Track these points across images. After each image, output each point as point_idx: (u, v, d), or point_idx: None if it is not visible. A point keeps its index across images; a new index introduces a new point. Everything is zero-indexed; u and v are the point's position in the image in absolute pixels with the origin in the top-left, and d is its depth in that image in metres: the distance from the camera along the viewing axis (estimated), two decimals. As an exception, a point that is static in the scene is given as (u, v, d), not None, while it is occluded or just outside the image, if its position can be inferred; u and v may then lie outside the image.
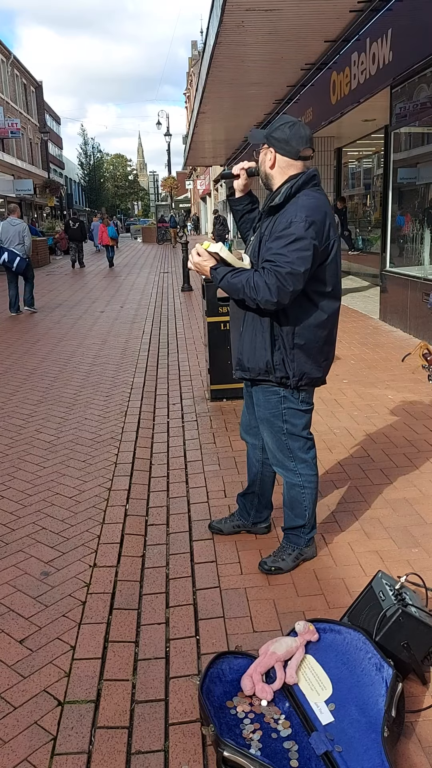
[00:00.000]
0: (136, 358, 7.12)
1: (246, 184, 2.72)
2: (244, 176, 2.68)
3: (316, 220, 2.31)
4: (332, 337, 2.56)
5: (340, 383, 5.61)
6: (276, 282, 2.29)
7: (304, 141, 2.40)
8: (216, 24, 7.91)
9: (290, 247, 2.29)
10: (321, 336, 2.48)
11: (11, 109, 34.73)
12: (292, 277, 2.29)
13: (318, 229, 2.31)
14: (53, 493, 3.62)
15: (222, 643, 2.30)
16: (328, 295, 2.46)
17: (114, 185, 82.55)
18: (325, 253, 2.38)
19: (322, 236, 2.34)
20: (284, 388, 2.54)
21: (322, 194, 2.43)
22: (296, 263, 2.29)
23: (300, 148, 2.40)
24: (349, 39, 8.71)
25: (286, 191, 2.39)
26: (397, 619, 2.05)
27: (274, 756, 1.79)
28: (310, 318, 2.44)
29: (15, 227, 10.32)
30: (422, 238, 7.76)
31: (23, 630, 2.42)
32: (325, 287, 2.43)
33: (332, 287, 2.46)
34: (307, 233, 2.29)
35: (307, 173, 2.42)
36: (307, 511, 2.71)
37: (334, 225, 2.42)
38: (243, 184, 2.72)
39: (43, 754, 1.86)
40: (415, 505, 3.31)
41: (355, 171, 14.71)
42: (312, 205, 2.34)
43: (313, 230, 2.30)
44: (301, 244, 2.29)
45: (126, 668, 2.21)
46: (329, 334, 2.52)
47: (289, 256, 2.29)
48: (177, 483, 3.73)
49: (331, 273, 2.43)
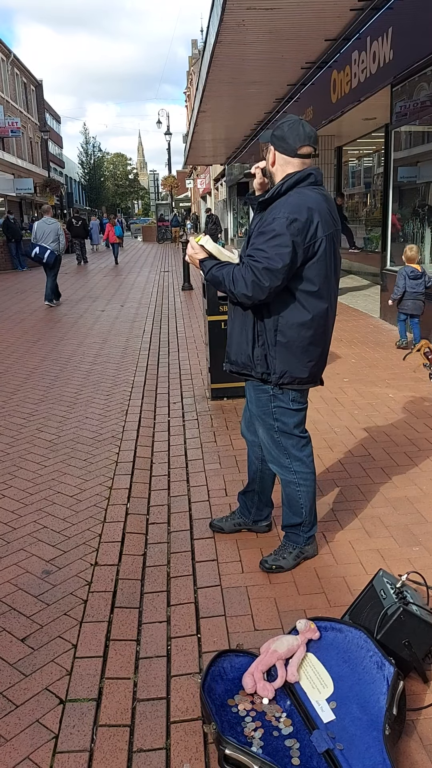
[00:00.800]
0: (137, 357, 7.13)
1: (262, 183, 2.72)
2: (260, 175, 2.68)
3: (298, 218, 2.30)
4: (319, 338, 2.50)
5: (341, 382, 5.61)
6: (252, 276, 2.32)
7: (301, 138, 2.40)
8: (216, 23, 7.90)
9: (270, 243, 2.31)
10: (305, 336, 2.46)
11: (11, 108, 34.72)
12: (268, 272, 2.30)
13: (300, 226, 2.31)
14: (54, 491, 3.62)
15: (223, 642, 2.31)
16: (314, 295, 2.43)
17: (114, 184, 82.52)
18: (310, 251, 2.36)
19: (306, 234, 2.33)
20: (268, 385, 2.55)
21: (317, 192, 2.40)
22: (274, 259, 2.30)
23: (297, 145, 2.40)
24: (349, 38, 8.70)
25: (276, 188, 2.41)
26: (399, 617, 2.05)
27: (275, 754, 1.79)
28: (294, 316, 2.43)
29: (50, 226, 11.00)
30: (422, 237, 7.75)
31: (25, 628, 2.42)
32: (310, 286, 2.41)
33: (318, 287, 2.42)
34: (288, 230, 2.29)
35: (303, 171, 2.41)
36: (304, 509, 2.71)
37: (326, 223, 2.37)
38: (260, 183, 2.72)
39: (45, 752, 1.86)
40: (416, 503, 3.31)
41: (356, 170, 14.69)
42: (299, 202, 2.34)
43: (295, 227, 2.30)
44: (280, 240, 2.30)
45: (127, 666, 2.21)
46: (315, 335, 2.48)
47: (268, 252, 2.31)
48: (178, 481, 3.74)
49: (317, 272, 2.40)
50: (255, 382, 2.60)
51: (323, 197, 2.41)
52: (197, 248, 2.55)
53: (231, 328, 2.63)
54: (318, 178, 2.44)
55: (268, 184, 2.74)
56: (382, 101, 8.46)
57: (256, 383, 2.60)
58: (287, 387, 2.54)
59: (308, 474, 2.69)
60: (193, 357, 6.95)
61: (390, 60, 7.54)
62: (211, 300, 5.09)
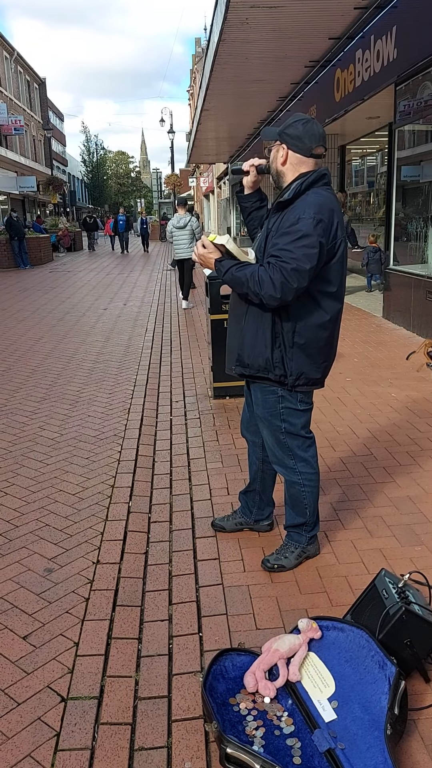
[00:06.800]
0: (139, 355, 7.13)
1: (255, 181, 2.71)
2: (254, 173, 2.67)
3: (324, 218, 2.29)
4: (333, 338, 2.53)
5: (344, 381, 5.60)
6: (281, 277, 2.28)
7: (317, 139, 2.39)
8: (220, 21, 7.89)
9: (297, 244, 2.28)
10: (322, 337, 2.46)
11: (14, 105, 34.71)
12: (296, 273, 2.28)
13: (326, 227, 2.30)
14: (56, 490, 3.63)
15: (225, 641, 2.31)
16: (332, 296, 2.44)
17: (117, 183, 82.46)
18: (331, 252, 2.36)
19: (329, 235, 2.33)
20: (282, 387, 2.53)
21: (331, 193, 2.41)
22: (302, 260, 2.27)
23: (313, 145, 2.39)
24: (353, 36, 8.69)
25: (296, 188, 2.37)
26: (401, 617, 2.05)
27: (277, 753, 1.79)
28: (313, 317, 2.43)
29: None
30: (426, 237, 7.74)
31: (27, 626, 2.42)
32: (329, 287, 2.42)
33: (337, 288, 2.44)
34: (315, 231, 2.27)
35: (318, 171, 2.40)
36: (308, 509, 2.71)
37: (342, 224, 2.40)
38: (252, 181, 2.71)
39: (47, 750, 1.87)
40: (419, 503, 3.31)
41: (359, 168, 14.67)
42: (321, 202, 2.32)
43: (321, 228, 2.29)
44: (308, 241, 2.27)
45: (129, 665, 2.21)
46: (330, 335, 2.49)
47: (296, 253, 2.27)
48: (180, 480, 3.74)
49: (336, 273, 2.41)
50: (264, 384, 2.57)
51: (335, 198, 2.42)
52: (211, 247, 2.47)
53: (239, 330, 2.56)
54: (329, 178, 2.45)
55: (260, 183, 2.73)
56: (386, 100, 8.44)
57: (264, 385, 2.58)
58: (300, 389, 2.53)
59: (313, 474, 2.68)
60: (195, 356, 6.95)
61: (394, 59, 7.52)
62: (214, 299, 5.09)
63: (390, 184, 8.65)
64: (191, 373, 6.22)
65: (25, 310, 10.89)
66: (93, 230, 28.18)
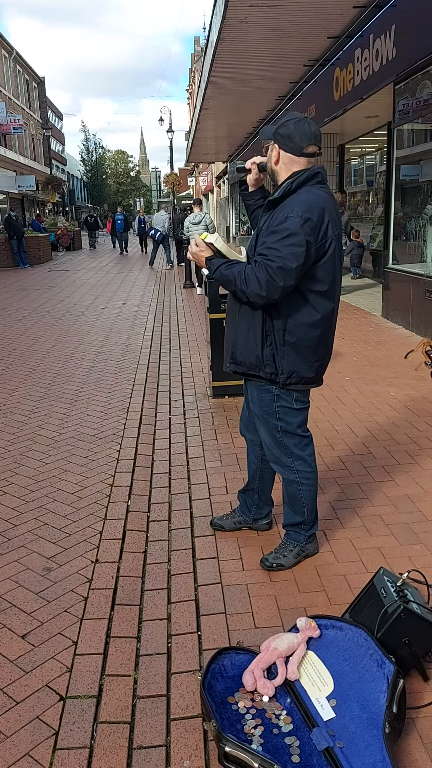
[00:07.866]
0: (138, 354, 7.12)
1: (258, 179, 2.71)
2: (256, 171, 2.67)
3: (312, 217, 2.29)
4: (326, 338, 2.51)
5: (342, 380, 5.60)
6: (266, 276, 2.28)
7: (307, 137, 2.38)
8: (219, 20, 7.89)
9: (283, 242, 2.28)
10: (313, 336, 2.45)
11: (13, 105, 34.66)
12: (282, 272, 2.28)
13: (314, 225, 2.29)
14: (55, 489, 3.63)
15: (223, 639, 2.31)
16: (323, 295, 2.42)
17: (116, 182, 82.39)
18: (321, 250, 2.35)
19: (318, 233, 2.32)
20: (275, 385, 2.54)
21: (325, 191, 2.40)
22: (288, 258, 2.27)
23: (303, 144, 2.38)
24: (352, 35, 8.69)
25: (286, 186, 2.38)
26: (399, 615, 2.05)
27: (275, 751, 1.79)
28: (303, 316, 2.42)
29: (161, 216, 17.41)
30: (425, 236, 7.74)
31: (25, 625, 2.42)
32: (319, 286, 2.40)
33: (328, 287, 2.42)
34: (302, 229, 2.27)
35: (310, 170, 2.40)
36: (306, 508, 2.71)
37: (334, 223, 2.38)
38: (255, 179, 2.71)
39: (45, 748, 1.87)
40: (417, 502, 3.31)
41: (358, 168, 14.66)
42: (311, 201, 2.32)
43: (309, 227, 2.28)
44: (295, 240, 2.27)
45: (128, 664, 2.21)
46: (323, 334, 2.48)
47: (282, 251, 2.28)
48: (179, 479, 3.74)
49: (327, 272, 2.40)
50: (259, 382, 2.58)
51: (330, 196, 2.41)
52: (203, 245, 2.51)
53: (234, 327, 2.58)
54: (324, 177, 2.44)
55: (263, 180, 2.74)
56: (385, 99, 8.44)
57: (259, 383, 2.58)
58: (293, 387, 2.53)
59: (310, 473, 2.69)
60: (194, 355, 6.94)
61: (393, 58, 7.52)
62: (212, 298, 5.09)
63: (389, 184, 8.64)
64: (190, 372, 6.22)
65: (24, 309, 10.89)
66: (94, 229, 29.26)
